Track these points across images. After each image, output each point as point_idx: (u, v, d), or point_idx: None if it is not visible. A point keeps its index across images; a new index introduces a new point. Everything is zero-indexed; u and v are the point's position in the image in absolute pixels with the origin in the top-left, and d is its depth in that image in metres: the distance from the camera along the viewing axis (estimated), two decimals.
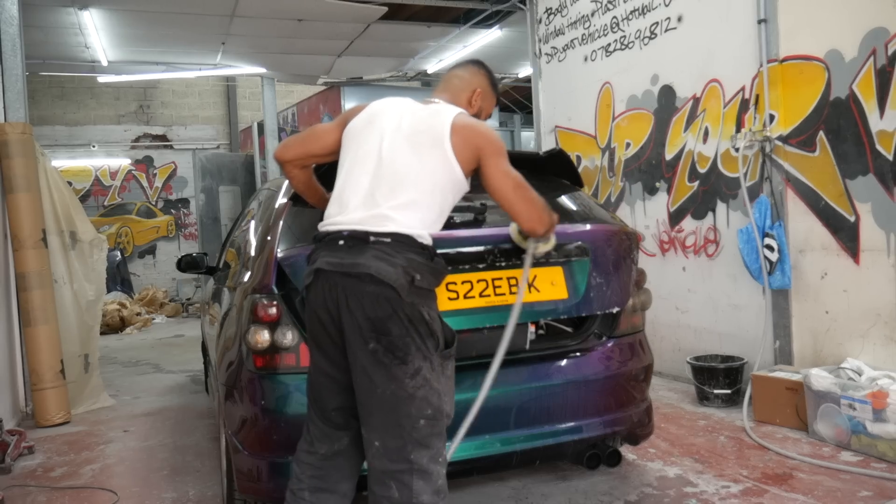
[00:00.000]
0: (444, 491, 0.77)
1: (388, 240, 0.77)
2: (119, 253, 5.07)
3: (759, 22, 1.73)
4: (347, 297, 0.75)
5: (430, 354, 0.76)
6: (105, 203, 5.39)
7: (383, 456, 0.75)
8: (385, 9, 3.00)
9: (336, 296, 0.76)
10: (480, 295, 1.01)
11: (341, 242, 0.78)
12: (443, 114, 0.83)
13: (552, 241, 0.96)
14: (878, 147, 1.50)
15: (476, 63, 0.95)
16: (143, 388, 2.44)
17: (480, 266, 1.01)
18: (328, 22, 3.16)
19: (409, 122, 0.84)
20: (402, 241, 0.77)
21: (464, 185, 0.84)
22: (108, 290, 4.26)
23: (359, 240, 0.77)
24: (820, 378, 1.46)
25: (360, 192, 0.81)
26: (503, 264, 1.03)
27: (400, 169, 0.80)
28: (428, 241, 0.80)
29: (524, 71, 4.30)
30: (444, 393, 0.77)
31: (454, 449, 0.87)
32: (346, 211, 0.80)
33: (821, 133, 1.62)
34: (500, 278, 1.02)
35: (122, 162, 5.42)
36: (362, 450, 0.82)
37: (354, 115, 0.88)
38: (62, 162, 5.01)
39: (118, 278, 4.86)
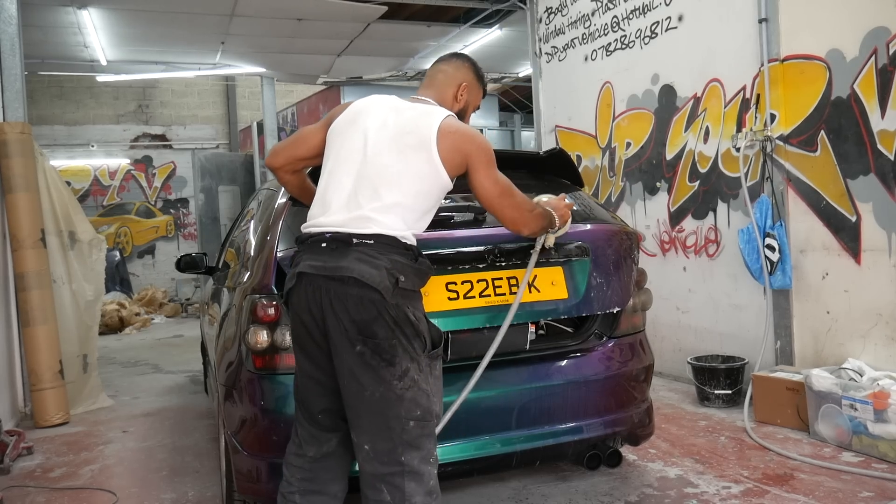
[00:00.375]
0: (436, 491, 0.77)
1: (371, 241, 0.76)
2: (118, 253, 5.07)
3: (760, 21, 1.73)
4: (332, 301, 0.75)
5: (417, 355, 0.76)
6: (104, 203, 5.38)
7: (374, 459, 0.75)
8: (385, 8, 3.00)
9: (320, 299, 0.76)
10: (480, 295, 1.01)
11: (324, 245, 0.77)
12: (431, 116, 0.82)
13: (564, 229, 0.96)
14: (880, 147, 1.50)
15: (460, 56, 0.93)
16: (142, 389, 2.44)
17: (480, 266, 1.01)
18: (328, 21, 3.16)
19: (394, 121, 0.82)
20: (386, 243, 0.76)
21: (448, 188, 0.83)
22: (107, 291, 4.25)
23: (342, 242, 0.76)
24: (821, 378, 1.47)
25: (343, 193, 0.79)
26: (503, 264, 1.03)
27: (384, 170, 0.79)
28: (412, 241, 0.79)
29: (524, 70, 4.30)
30: (433, 394, 0.77)
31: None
32: (329, 212, 0.79)
33: (822, 133, 1.62)
34: (501, 278, 1.02)
35: (121, 162, 5.42)
36: (352, 451, 0.82)
37: (338, 115, 0.87)
38: (61, 162, 5.00)
39: (117, 278, 4.86)
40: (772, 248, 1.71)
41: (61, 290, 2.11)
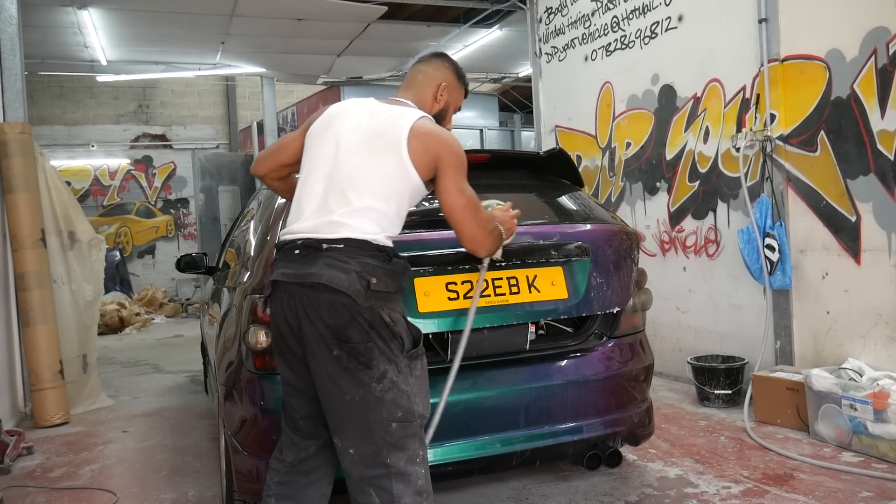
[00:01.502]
0: (425, 491, 0.76)
1: (342, 246, 0.75)
2: (118, 253, 5.07)
3: (760, 21, 1.73)
4: (305, 308, 0.75)
5: (395, 357, 0.75)
6: (104, 203, 5.39)
7: (359, 463, 0.75)
8: (385, 8, 3.00)
9: (294, 306, 0.76)
10: (480, 295, 1.00)
11: (297, 252, 0.77)
12: (404, 117, 0.81)
13: (510, 239, 0.94)
14: (880, 147, 1.50)
15: (440, 56, 0.91)
16: (142, 389, 2.43)
17: (480, 266, 1.01)
18: (328, 21, 3.16)
19: (367, 124, 0.81)
20: (356, 246, 0.76)
21: (422, 191, 0.82)
22: (107, 291, 4.25)
23: (312, 248, 0.76)
24: (821, 378, 1.47)
25: (315, 199, 0.79)
26: (503, 264, 1.03)
27: (353, 172, 0.78)
28: (386, 242, 0.78)
29: (524, 70, 4.30)
30: (415, 394, 0.76)
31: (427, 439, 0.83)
32: (301, 218, 0.79)
33: (822, 133, 1.62)
34: (501, 278, 1.03)
35: (122, 162, 5.42)
36: (333, 458, 0.82)
37: (315, 120, 0.86)
38: (61, 162, 5.00)
39: (117, 278, 4.86)
40: (772, 248, 1.71)
41: (61, 290, 2.11)
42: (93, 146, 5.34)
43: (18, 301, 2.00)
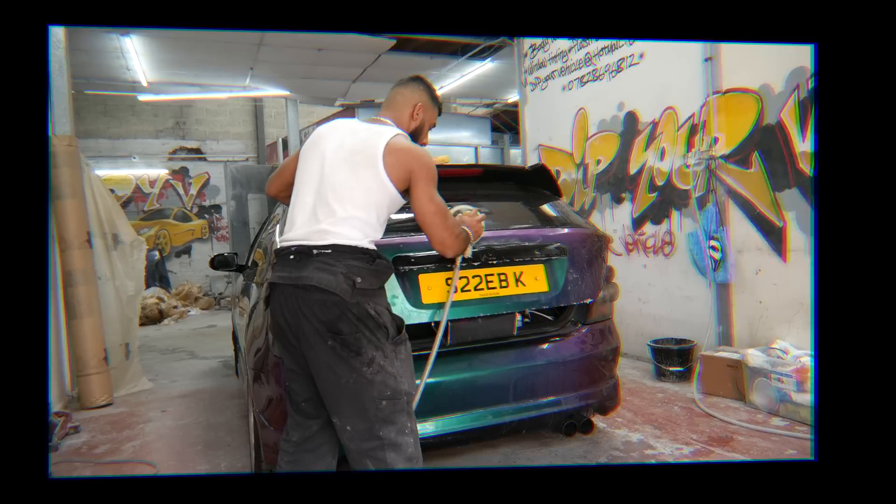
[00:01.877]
0: (416, 457, 0.76)
1: (329, 251, 0.76)
2: (157, 253, 4.94)
3: (706, 60, 1.77)
4: (300, 306, 0.75)
5: (381, 344, 0.75)
6: (144, 208, 5.24)
7: (356, 438, 0.75)
8: (394, 41, 3.00)
9: (291, 305, 0.76)
10: (475, 289, 1.01)
11: (291, 257, 0.78)
12: (381, 135, 0.80)
13: (477, 240, 0.94)
14: (801, 165, 1.54)
15: (416, 80, 0.90)
16: (179, 373, 2.37)
17: (475, 264, 1.02)
18: (344, 52, 3.15)
19: (349, 143, 0.81)
20: (342, 251, 0.76)
21: (399, 201, 0.81)
22: (148, 286, 4.13)
23: (304, 254, 0.77)
24: (755, 357, 1.51)
25: (306, 211, 0.79)
26: (495, 262, 1.03)
27: (337, 186, 0.78)
28: (369, 246, 0.78)
29: (513, 97, 4.35)
30: (401, 374, 0.76)
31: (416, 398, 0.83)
32: (294, 228, 0.79)
33: (755, 153, 1.66)
34: (492, 274, 1.03)
35: (160, 172, 5.29)
36: (333, 435, 0.81)
37: (308, 140, 0.87)
38: (105, 172, 4.86)
39: (157, 275, 4.73)
40: (715, 249, 1.75)
41: (105, 286, 2.05)
42: (134, 158, 5.19)
43: (67, 296, 1.93)
